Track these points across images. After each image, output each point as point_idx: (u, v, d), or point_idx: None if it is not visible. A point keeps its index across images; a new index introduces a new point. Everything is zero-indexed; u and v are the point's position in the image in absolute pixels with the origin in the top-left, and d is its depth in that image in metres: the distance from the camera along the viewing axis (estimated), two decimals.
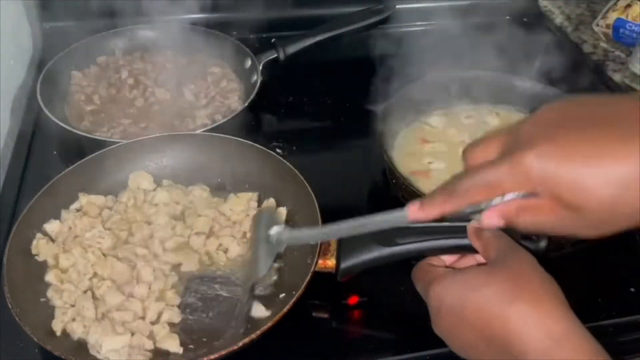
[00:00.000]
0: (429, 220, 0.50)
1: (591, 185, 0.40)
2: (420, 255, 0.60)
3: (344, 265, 0.62)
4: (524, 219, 0.45)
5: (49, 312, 0.61)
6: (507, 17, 1.20)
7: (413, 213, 0.50)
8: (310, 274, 0.61)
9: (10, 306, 0.57)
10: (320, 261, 0.63)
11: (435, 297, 0.51)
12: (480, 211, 0.47)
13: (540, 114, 0.46)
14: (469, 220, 0.53)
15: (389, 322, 0.67)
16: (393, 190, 0.81)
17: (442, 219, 0.51)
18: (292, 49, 0.97)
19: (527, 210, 0.45)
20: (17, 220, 0.66)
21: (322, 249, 0.63)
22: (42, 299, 0.63)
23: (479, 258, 0.55)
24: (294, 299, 0.58)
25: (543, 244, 0.59)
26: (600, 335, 0.65)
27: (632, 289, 0.70)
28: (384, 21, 1.04)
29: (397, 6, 1.07)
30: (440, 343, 0.62)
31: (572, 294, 0.70)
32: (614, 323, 0.67)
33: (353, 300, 0.66)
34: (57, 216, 0.70)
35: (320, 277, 0.63)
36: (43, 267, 0.65)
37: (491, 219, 0.47)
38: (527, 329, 0.45)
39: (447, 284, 0.51)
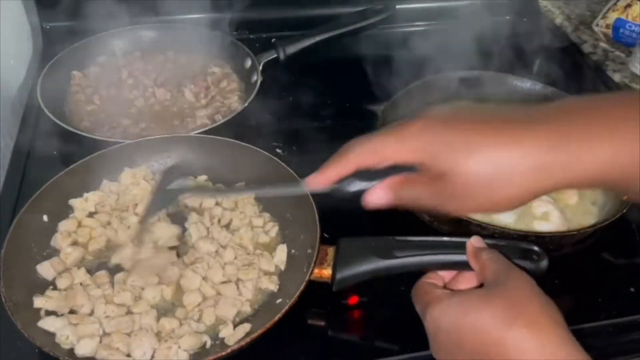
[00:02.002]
0: (327, 187, 0.53)
1: (457, 155, 0.45)
2: (418, 270, 0.60)
3: (339, 275, 0.62)
4: (406, 191, 0.50)
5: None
6: (507, 17, 1.20)
7: (311, 182, 0.53)
8: (304, 283, 0.60)
9: (3, 299, 0.58)
10: (316, 270, 0.62)
11: (433, 321, 0.51)
12: (364, 191, 0.51)
13: (442, 106, 0.51)
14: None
15: (389, 322, 0.67)
16: None
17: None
18: (292, 49, 0.97)
19: (407, 183, 0.49)
20: (18, 214, 0.66)
21: (318, 258, 0.63)
22: (36, 292, 0.63)
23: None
24: (285, 308, 0.58)
25: (544, 263, 0.58)
26: (600, 335, 0.66)
27: (632, 289, 0.70)
28: (384, 21, 1.04)
29: (397, 6, 1.07)
30: None
31: (572, 294, 0.71)
32: (614, 323, 0.67)
33: (353, 300, 0.66)
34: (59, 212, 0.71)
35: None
36: (39, 262, 0.66)
37: (378, 192, 0.50)
38: (527, 356, 0.44)
39: (444, 307, 0.50)
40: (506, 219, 0.74)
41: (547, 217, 0.74)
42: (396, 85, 0.87)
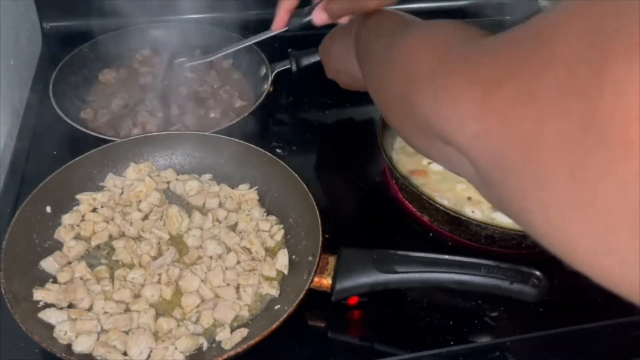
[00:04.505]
0: (284, 26, 0.75)
1: None
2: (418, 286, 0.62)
3: (339, 286, 0.62)
4: (331, 6, 0.68)
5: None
6: (507, 17, 1.20)
7: (275, 28, 0.77)
8: (304, 291, 0.60)
9: (3, 291, 0.58)
10: (316, 279, 0.62)
11: None
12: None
13: None
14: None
15: (389, 322, 0.67)
16: (393, 190, 0.81)
17: None
18: (306, 61, 0.95)
19: (331, 1, 0.68)
20: (22, 204, 0.66)
21: (319, 267, 0.63)
22: (36, 284, 0.63)
23: None
24: (284, 316, 0.58)
25: (545, 288, 0.61)
26: (600, 335, 0.66)
27: None
28: None
29: (397, 6, 1.06)
30: (440, 343, 0.63)
31: (572, 294, 0.71)
32: (614, 323, 0.67)
33: (353, 300, 0.66)
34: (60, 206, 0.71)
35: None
36: (40, 255, 0.66)
37: (316, 13, 0.69)
38: None
39: None
40: (506, 219, 0.74)
41: None
42: None
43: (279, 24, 0.74)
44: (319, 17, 0.69)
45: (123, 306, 0.62)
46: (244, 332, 0.60)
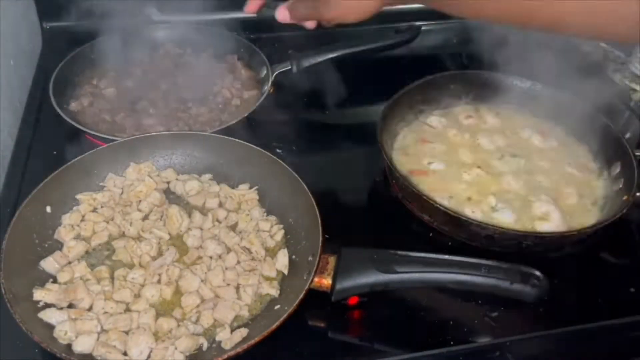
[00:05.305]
0: (255, 12, 0.75)
1: None
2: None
3: (339, 286, 0.62)
4: (294, 6, 0.69)
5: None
6: None
7: (247, 10, 0.75)
8: (304, 291, 0.60)
9: (3, 291, 0.58)
10: (316, 279, 0.62)
11: None
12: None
13: None
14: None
15: (389, 322, 0.67)
16: (393, 190, 0.81)
17: None
18: (306, 63, 0.95)
19: (296, 1, 0.69)
20: (22, 204, 0.66)
21: (319, 267, 0.63)
22: (36, 284, 0.63)
23: None
24: (284, 316, 0.58)
25: (545, 288, 0.61)
26: (600, 335, 0.66)
27: (632, 289, 0.70)
28: (406, 42, 1.02)
29: (398, 6, 1.06)
30: (440, 343, 0.63)
31: (572, 294, 0.71)
32: (614, 323, 0.67)
33: (353, 300, 0.66)
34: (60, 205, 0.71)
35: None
36: (40, 255, 0.66)
37: (280, 10, 0.70)
38: None
39: None
40: (506, 219, 0.74)
41: (547, 217, 0.74)
42: (396, 85, 0.86)
43: (250, 9, 0.75)
44: (281, 13, 0.71)
45: (123, 306, 0.62)
46: (244, 332, 0.60)
